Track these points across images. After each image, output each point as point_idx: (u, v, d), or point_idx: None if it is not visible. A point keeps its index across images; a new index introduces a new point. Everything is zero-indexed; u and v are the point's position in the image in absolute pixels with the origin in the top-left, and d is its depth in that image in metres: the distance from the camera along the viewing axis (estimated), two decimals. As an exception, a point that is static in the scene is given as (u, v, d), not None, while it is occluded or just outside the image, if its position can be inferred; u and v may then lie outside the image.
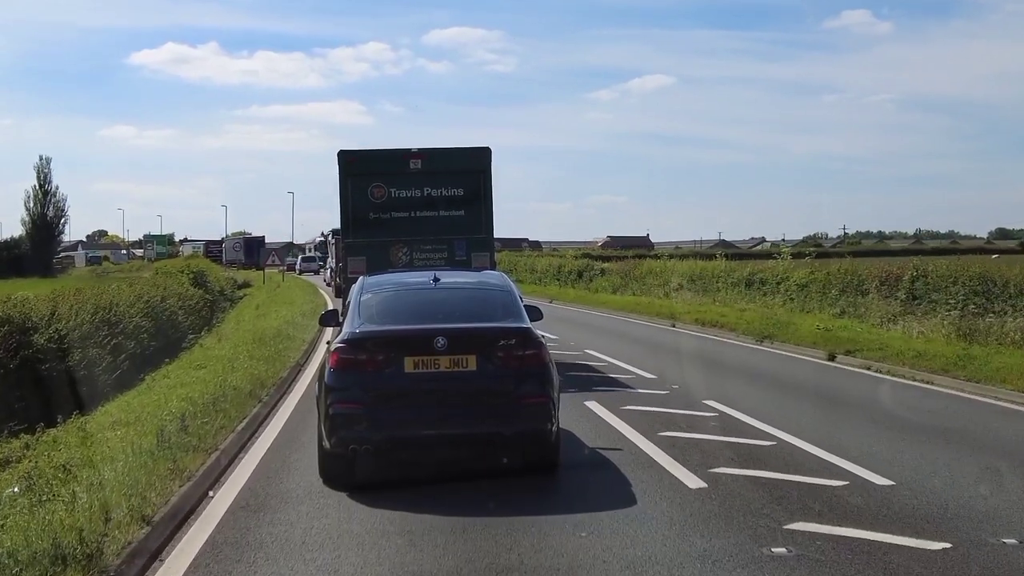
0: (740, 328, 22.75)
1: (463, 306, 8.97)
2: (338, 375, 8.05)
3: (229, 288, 48.07)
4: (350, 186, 16.45)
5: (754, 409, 12.02)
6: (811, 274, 29.73)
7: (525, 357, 8.18)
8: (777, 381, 15.42)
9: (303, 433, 10.65)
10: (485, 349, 8.12)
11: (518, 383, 8.11)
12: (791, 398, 13.72)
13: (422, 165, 16.34)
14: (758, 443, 10.01)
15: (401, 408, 7.97)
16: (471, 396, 8.05)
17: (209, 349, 19.61)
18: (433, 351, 7.97)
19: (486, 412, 8.11)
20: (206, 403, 11.21)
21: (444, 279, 9.45)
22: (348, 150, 16.96)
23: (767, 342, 20.69)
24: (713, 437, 10.31)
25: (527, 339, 8.27)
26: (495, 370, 8.10)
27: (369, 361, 8.00)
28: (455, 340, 8.03)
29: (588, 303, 35.59)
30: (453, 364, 7.99)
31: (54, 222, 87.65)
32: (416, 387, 7.99)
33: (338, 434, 7.92)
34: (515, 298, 9.20)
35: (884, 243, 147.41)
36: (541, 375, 8.23)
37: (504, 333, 8.32)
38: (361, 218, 16.37)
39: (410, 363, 7.96)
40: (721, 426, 11.03)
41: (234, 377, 13.59)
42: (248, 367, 14.82)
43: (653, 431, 10.58)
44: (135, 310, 21.84)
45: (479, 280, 10.18)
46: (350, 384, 7.97)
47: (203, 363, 16.68)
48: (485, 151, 16.81)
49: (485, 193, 16.58)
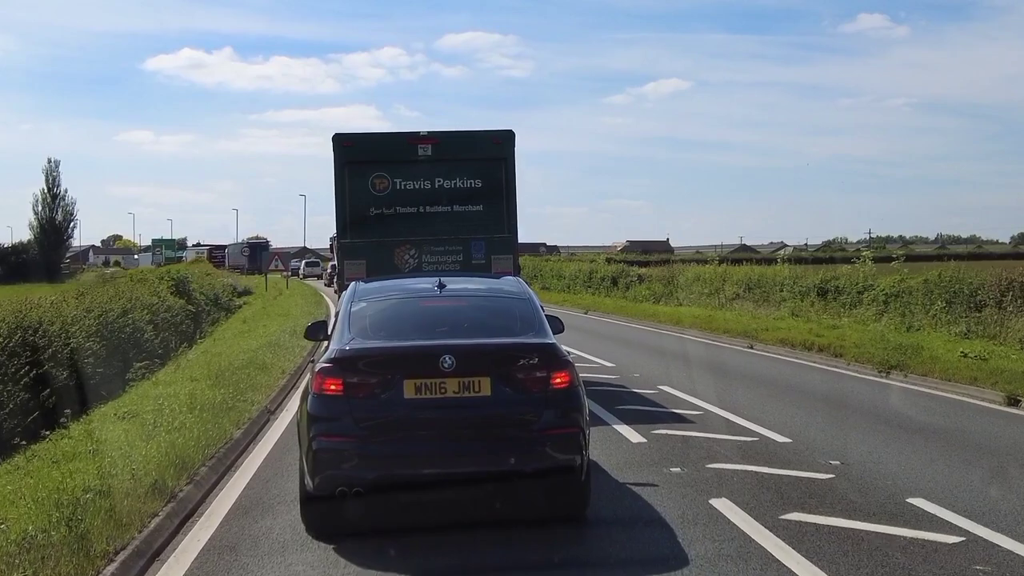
0: (848, 354, 17.68)
1: (474, 317, 7.80)
2: (323, 401, 6.91)
3: (226, 296, 43.52)
4: (347, 176, 13.75)
5: (987, 510, 7.06)
6: (901, 281, 24.89)
7: (550, 379, 7.03)
8: (968, 445, 10.34)
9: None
10: (501, 369, 7.03)
11: (541, 411, 6.97)
12: (1012, 480, 8.71)
13: (433, 151, 13.77)
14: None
15: (399, 441, 6.86)
16: (484, 427, 6.93)
17: (157, 384, 14.74)
18: (438, 372, 6.88)
19: (502, 446, 6.94)
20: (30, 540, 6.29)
21: (451, 285, 8.30)
22: (345, 133, 14.18)
23: (896, 374, 15.63)
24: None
25: (552, 357, 7.15)
26: (513, 395, 7.00)
27: (361, 384, 6.90)
28: (465, 359, 6.94)
29: (631, 315, 30.58)
30: (462, 388, 6.90)
31: (63, 226, 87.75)
32: (417, 416, 6.86)
33: (323, 473, 6.81)
34: (535, 307, 7.87)
35: (909, 248, 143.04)
36: (569, 400, 7.06)
37: (524, 350, 7.21)
38: (360, 214, 13.71)
39: (410, 387, 6.86)
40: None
41: (144, 451, 8.71)
42: (183, 425, 9.95)
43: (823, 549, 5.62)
44: (81, 328, 17.18)
45: (492, 287, 8.85)
46: (338, 412, 6.83)
47: (134, 410, 11.84)
48: (508, 135, 14.06)
49: (508, 185, 13.92)
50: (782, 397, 13.61)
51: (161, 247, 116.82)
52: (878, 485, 8.32)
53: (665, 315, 28.64)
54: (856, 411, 12.43)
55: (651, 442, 10.19)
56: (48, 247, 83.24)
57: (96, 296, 21.37)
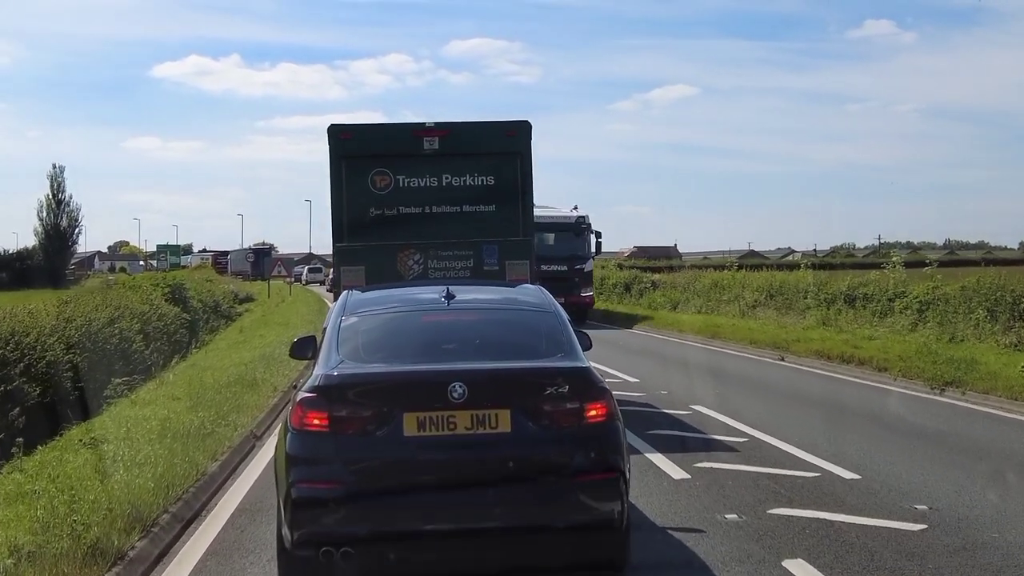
0: (894, 368, 16.19)
1: (489, 335, 6.54)
2: (304, 439, 5.66)
3: (227, 303, 42.18)
4: (344, 172, 12.34)
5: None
6: (936, 288, 23.43)
7: (583, 411, 5.76)
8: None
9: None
10: (524, 400, 5.73)
11: (573, 451, 5.71)
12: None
13: (440, 145, 12.33)
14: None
15: (397, 490, 5.58)
16: (503, 472, 5.61)
17: (134, 404, 13.31)
18: (446, 404, 5.61)
19: (525, 496, 5.63)
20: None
21: (461, 295, 6.95)
22: (342, 124, 12.91)
23: (952, 391, 14.15)
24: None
25: (586, 384, 5.89)
26: (539, 432, 5.70)
27: (350, 419, 5.65)
28: (479, 387, 5.67)
29: (651, 325, 29.09)
30: (476, 423, 5.62)
31: (67, 232, 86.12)
32: (420, 458, 5.61)
33: (304, 528, 5.57)
34: (563, 322, 6.61)
35: (919, 254, 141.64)
36: (607, 438, 5.79)
37: (551, 375, 5.93)
38: (358, 215, 12.28)
39: (411, 422, 5.61)
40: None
41: (96, 493, 7.28)
42: (148, 458, 8.51)
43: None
44: (59, 339, 15.85)
45: (510, 297, 7.71)
46: (322, 453, 5.60)
47: (101, 436, 10.42)
48: (523, 126, 12.55)
49: (523, 182, 12.49)
50: (832, 419, 12.13)
51: (166, 253, 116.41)
52: (984, 540, 6.84)
53: (686, 325, 27.14)
54: (922, 437, 10.96)
55: (695, 478, 8.73)
56: (52, 253, 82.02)
57: (80, 304, 19.96)
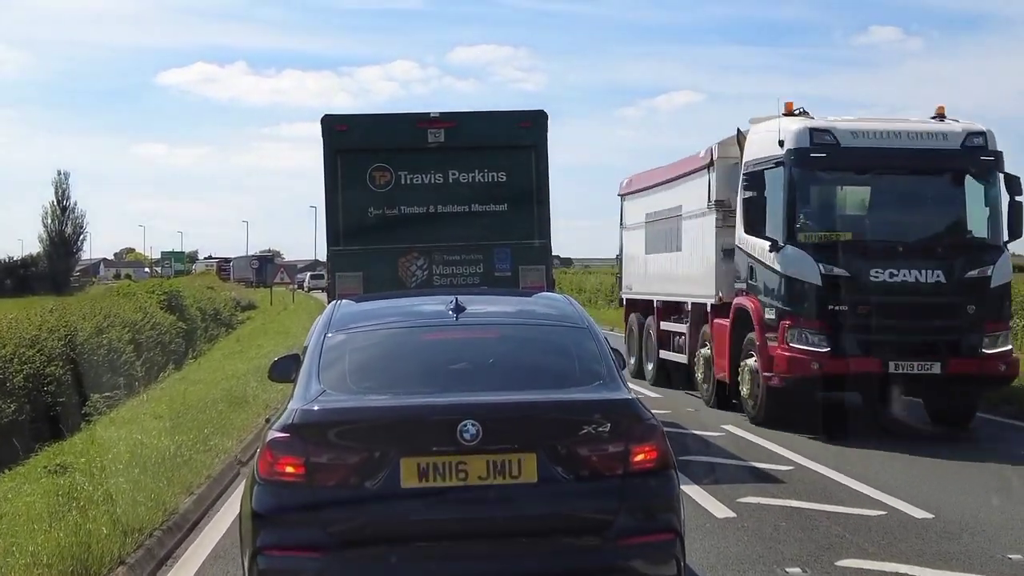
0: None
1: (509, 358, 5.23)
2: (275, 493, 4.52)
3: (227, 311, 41.11)
4: (340, 168, 11.33)
5: None
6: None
7: (629, 455, 4.56)
8: None
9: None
10: (554, 442, 4.56)
11: (617, 507, 4.52)
12: None
13: (446, 137, 11.25)
14: None
15: (393, 559, 4.44)
16: (528, 534, 4.49)
17: (112, 423, 12.18)
18: (455, 447, 4.43)
19: (556, 565, 4.50)
20: None
21: (472, 307, 5.58)
22: (336, 115, 11.84)
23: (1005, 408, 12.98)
24: None
25: (632, 420, 4.68)
26: (573, 483, 4.53)
27: (333, 467, 4.50)
28: (496, 425, 4.50)
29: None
30: (493, 471, 4.46)
31: (72, 239, 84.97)
32: (422, 517, 4.47)
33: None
34: (600, 341, 5.28)
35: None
36: (659, 489, 4.65)
37: (589, 410, 4.73)
38: (356, 216, 11.32)
39: (411, 470, 4.45)
40: None
41: (40, 542, 6.13)
42: (108, 494, 7.37)
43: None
44: (40, 351, 14.79)
45: (533, 309, 6.25)
46: (297, 511, 4.45)
47: (68, 463, 9.29)
48: (539, 116, 11.48)
49: (539, 178, 11.36)
50: (881, 438, 10.95)
51: (171, 259, 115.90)
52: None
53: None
54: (993, 462, 9.78)
55: (742, 517, 7.56)
56: (57, 259, 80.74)
57: (65, 312, 18.83)
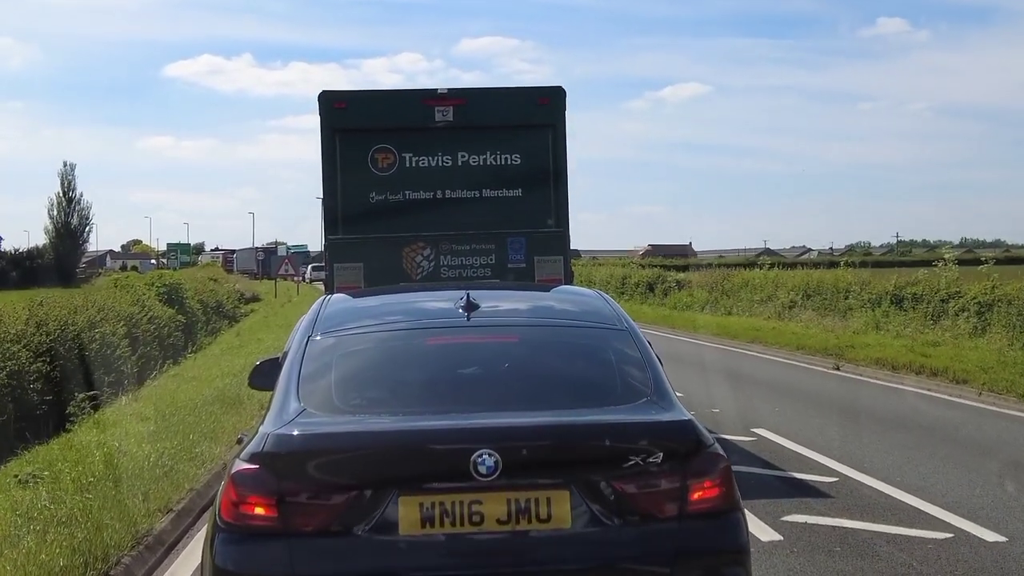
0: (975, 380, 14.09)
1: (534, 369, 4.17)
2: (240, 543, 3.50)
3: (231, 303, 40.31)
4: (339, 149, 10.35)
5: None
6: (994, 289, 21.36)
7: (686, 492, 3.51)
8: None
9: None
10: (591, 476, 3.52)
11: (672, 558, 3.47)
12: None
13: (455, 116, 10.32)
14: None
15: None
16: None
17: (95, 426, 11.35)
18: (468, 483, 3.43)
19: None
20: None
21: (487, 304, 4.53)
22: (335, 91, 10.74)
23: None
24: None
25: (691, 449, 3.62)
26: (618, 527, 3.48)
27: (313, 508, 3.46)
28: (519, 454, 3.48)
29: (678, 326, 27.04)
30: (516, 515, 3.45)
31: (78, 231, 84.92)
32: (427, 573, 3.45)
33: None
34: (644, 346, 4.26)
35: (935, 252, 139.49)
36: (725, 536, 3.59)
37: (636, 435, 3.64)
38: (356, 201, 10.34)
39: (411, 512, 3.44)
40: None
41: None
42: (72, 514, 6.53)
43: None
44: (25, 346, 14.12)
45: (558, 307, 5.02)
46: (268, 566, 3.44)
47: (38, 472, 8.45)
48: (557, 92, 10.52)
49: (556, 161, 10.38)
50: (932, 450, 10.03)
51: (176, 251, 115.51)
52: None
53: (722, 328, 25.06)
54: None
55: (789, 540, 6.66)
56: (63, 251, 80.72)
57: (55, 306, 17.98)
